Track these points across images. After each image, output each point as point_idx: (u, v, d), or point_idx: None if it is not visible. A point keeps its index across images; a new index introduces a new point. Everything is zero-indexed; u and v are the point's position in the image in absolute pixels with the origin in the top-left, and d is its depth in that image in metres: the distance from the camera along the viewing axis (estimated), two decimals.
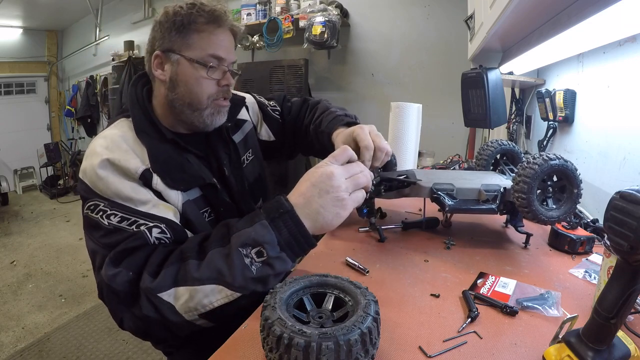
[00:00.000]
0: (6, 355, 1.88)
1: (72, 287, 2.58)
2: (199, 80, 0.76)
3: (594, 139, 1.14)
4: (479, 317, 0.57)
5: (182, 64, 0.76)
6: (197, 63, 0.75)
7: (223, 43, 0.78)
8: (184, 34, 0.75)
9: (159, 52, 0.77)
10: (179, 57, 0.75)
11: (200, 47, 0.75)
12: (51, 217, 4.14)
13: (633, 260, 0.39)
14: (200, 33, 0.75)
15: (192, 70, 0.76)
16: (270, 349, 0.43)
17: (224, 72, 0.79)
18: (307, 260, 0.76)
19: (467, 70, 1.51)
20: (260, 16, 3.02)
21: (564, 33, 0.84)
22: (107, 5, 4.61)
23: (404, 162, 1.27)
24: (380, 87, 2.86)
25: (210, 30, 0.76)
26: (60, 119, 5.76)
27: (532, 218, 0.71)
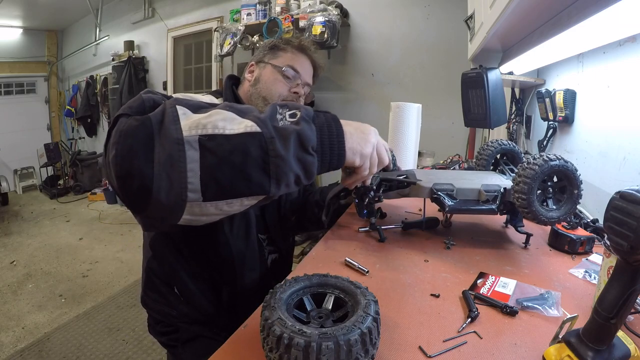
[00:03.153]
0: (6, 355, 1.88)
1: (72, 287, 2.58)
2: (275, 81, 0.96)
3: (594, 139, 1.14)
4: (479, 317, 0.57)
5: (267, 68, 0.98)
6: (277, 68, 0.96)
7: (302, 63, 0.99)
8: (275, 51, 1.00)
9: (253, 63, 1.01)
10: (265, 64, 0.98)
11: (283, 60, 0.98)
12: (51, 217, 4.14)
13: (633, 260, 0.38)
14: (286, 52, 0.99)
15: (272, 73, 0.97)
16: (270, 349, 0.43)
17: (296, 83, 0.98)
18: (307, 260, 0.76)
19: (467, 70, 1.51)
20: (260, 16, 3.02)
21: (564, 33, 0.84)
22: (107, 5, 4.62)
23: (404, 162, 1.27)
24: (380, 87, 2.86)
25: (294, 52, 1.00)
26: (60, 119, 5.76)
27: (532, 218, 0.71)
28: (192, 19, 3.79)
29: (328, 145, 0.53)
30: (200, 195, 0.46)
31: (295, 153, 0.49)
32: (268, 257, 0.97)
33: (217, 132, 0.46)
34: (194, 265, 0.88)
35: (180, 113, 0.48)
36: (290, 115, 0.51)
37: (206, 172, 0.46)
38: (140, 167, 0.45)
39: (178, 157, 0.45)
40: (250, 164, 0.47)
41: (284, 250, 1.04)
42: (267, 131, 0.48)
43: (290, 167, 0.49)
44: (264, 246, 0.96)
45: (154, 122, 0.47)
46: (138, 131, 0.46)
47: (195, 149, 0.45)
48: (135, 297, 2.42)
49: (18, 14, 4.61)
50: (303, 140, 0.49)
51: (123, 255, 3.10)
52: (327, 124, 0.54)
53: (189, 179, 0.45)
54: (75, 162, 5.08)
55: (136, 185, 0.45)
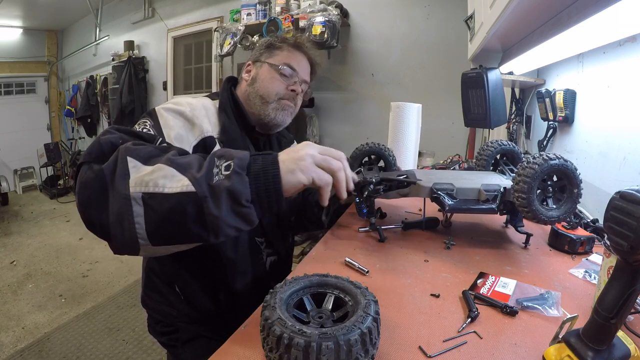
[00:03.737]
0: (6, 355, 1.88)
1: (72, 287, 2.58)
2: (273, 80, 0.96)
3: (594, 139, 1.14)
4: (479, 317, 0.57)
5: (263, 67, 0.98)
6: (274, 66, 0.96)
7: (298, 60, 0.99)
8: (271, 50, 0.99)
9: (249, 62, 1.01)
10: (262, 63, 0.98)
11: (280, 58, 0.97)
12: (51, 217, 4.14)
13: (633, 260, 0.38)
14: (283, 51, 0.98)
15: (269, 71, 0.96)
16: (270, 349, 0.43)
17: (294, 81, 0.97)
18: (307, 260, 0.76)
19: (467, 70, 1.51)
20: (260, 16, 3.02)
21: (564, 33, 0.84)
22: (107, 5, 4.61)
23: (404, 162, 1.27)
24: (380, 87, 2.86)
25: (291, 50, 0.99)
26: (60, 119, 5.75)
27: (532, 218, 0.71)
28: (192, 19, 3.78)
29: (264, 193, 0.54)
30: (148, 242, 0.52)
31: (229, 208, 0.51)
32: (266, 259, 0.97)
33: (157, 190, 0.51)
34: (193, 265, 0.88)
35: (131, 166, 0.53)
36: (225, 168, 0.53)
37: (150, 225, 0.52)
38: (98, 216, 0.53)
39: (126, 210, 0.51)
40: (188, 220, 0.51)
41: (283, 251, 1.04)
42: (200, 190, 0.51)
43: (225, 222, 0.52)
44: (262, 249, 0.95)
45: (106, 174, 0.53)
46: (94, 184, 0.53)
47: (139, 205, 0.51)
48: (135, 297, 2.42)
49: (18, 14, 4.61)
50: (235, 196, 0.51)
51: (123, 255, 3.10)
52: (264, 170, 0.55)
53: (137, 230, 0.51)
54: (75, 162, 5.07)
55: (98, 230, 0.54)
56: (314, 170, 0.58)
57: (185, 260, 0.88)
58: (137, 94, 4.24)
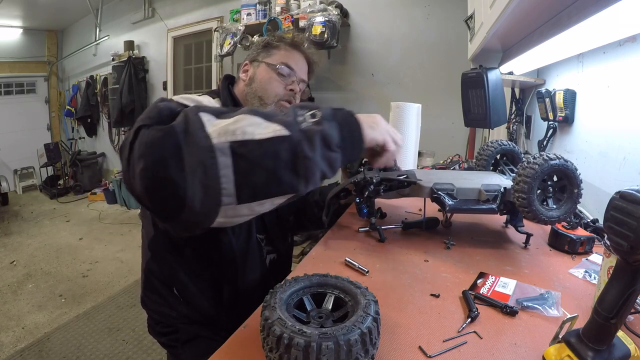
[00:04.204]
0: (6, 355, 1.88)
1: (72, 287, 2.58)
2: (270, 80, 0.95)
3: (594, 139, 1.14)
4: (479, 317, 0.57)
5: (261, 67, 0.97)
6: (272, 66, 0.95)
7: (296, 60, 0.99)
8: (268, 49, 0.98)
9: (247, 62, 1.00)
10: (259, 62, 0.97)
11: (277, 57, 0.97)
12: (51, 217, 4.14)
13: (633, 260, 0.38)
14: (280, 50, 0.98)
15: (267, 71, 0.96)
16: (270, 349, 0.42)
17: (292, 80, 0.97)
18: (307, 260, 0.76)
19: (467, 70, 1.51)
20: (260, 16, 3.02)
21: (564, 33, 0.84)
22: (107, 5, 4.61)
23: (404, 162, 1.26)
24: (380, 87, 2.86)
25: (288, 50, 0.99)
26: (60, 119, 5.75)
27: (532, 218, 0.71)
28: (192, 19, 3.79)
29: (349, 139, 0.56)
30: (234, 199, 0.48)
31: (321, 152, 0.52)
32: (266, 257, 0.97)
33: (247, 137, 0.48)
34: (195, 265, 0.88)
35: (205, 120, 0.49)
36: (310, 116, 0.54)
37: (240, 177, 0.47)
38: (172, 176, 0.46)
39: (210, 164, 0.46)
40: (282, 167, 0.49)
41: (283, 250, 1.04)
42: (294, 134, 0.50)
43: (318, 166, 0.52)
44: (262, 246, 0.96)
45: (179, 131, 0.48)
46: (164, 141, 0.47)
47: (227, 155, 0.47)
48: (135, 297, 2.42)
49: (18, 14, 4.61)
50: (327, 140, 0.52)
51: (123, 255, 3.10)
52: (346, 120, 0.57)
53: (222, 185, 0.47)
54: (75, 162, 5.07)
55: (169, 195, 0.47)
56: (388, 134, 0.63)
57: (184, 262, 0.88)
58: (137, 94, 4.24)
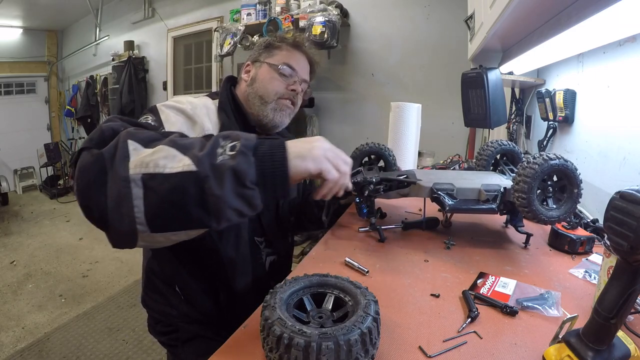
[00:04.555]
0: (6, 355, 1.88)
1: (72, 287, 2.58)
2: (272, 79, 0.95)
3: (594, 139, 1.14)
4: (479, 317, 0.57)
5: (263, 67, 0.97)
6: (273, 66, 0.95)
7: (297, 60, 0.99)
8: (270, 49, 0.99)
9: (249, 62, 1.01)
10: (261, 63, 0.98)
11: (279, 57, 0.97)
12: (51, 217, 4.14)
13: (633, 260, 0.38)
14: (282, 50, 0.98)
15: (269, 71, 0.96)
16: (270, 349, 0.43)
17: (293, 80, 0.97)
18: (307, 260, 0.76)
19: (467, 70, 1.51)
20: (260, 16, 3.02)
21: (564, 33, 0.84)
22: (107, 5, 4.61)
23: (404, 162, 1.27)
24: (380, 87, 2.86)
25: (290, 50, 0.98)
26: (60, 119, 5.75)
27: (532, 218, 0.71)
28: (192, 19, 3.78)
29: (270, 176, 0.52)
30: (147, 228, 0.50)
31: (232, 189, 0.49)
32: (266, 259, 0.97)
33: (157, 170, 0.49)
34: (192, 265, 0.88)
35: (131, 149, 0.51)
36: (230, 148, 0.51)
37: (149, 208, 0.49)
38: (97, 201, 0.50)
39: (125, 194, 0.49)
40: (189, 202, 0.49)
41: (283, 251, 1.04)
42: (202, 170, 0.49)
43: (228, 204, 0.49)
44: (261, 249, 0.95)
45: (106, 157, 0.51)
46: (93, 167, 0.51)
47: (139, 186, 0.49)
48: (135, 297, 2.42)
49: (18, 14, 4.61)
50: (239, 176, 0.49)
51: (123, 255, 3.10)
52: (270, 152, 0.53)
53: (135, 214, 0.49)
54: (75, 162, 5.06)
55: (96, 216, 0.51)
56: (324, 161, 0.57)
57: (185, 261, 0.88)
58: (137, 94, 4.24)
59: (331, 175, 0.58)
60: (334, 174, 0.58)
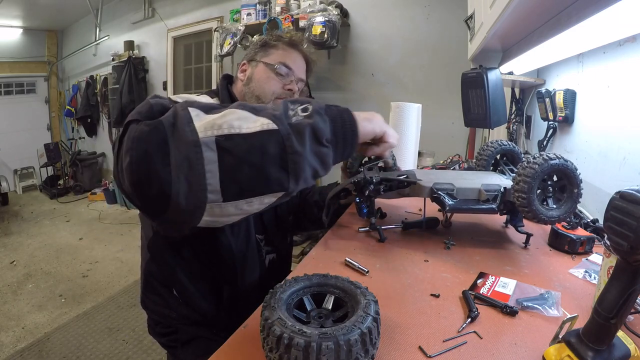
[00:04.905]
0: (6, 355, 1.88)
1: (72, 287, 2.58)
2: (268, 79, 0.95)
3: (594, 139, 1.14)
4: (479, 317, 0.57)
5: (259, 67, 0.97)
6: (270, 66, 0.95)
7: (294, 59, 0.98)
8: (266, 48, 0.98)
9: (245, 61, 1.01)
10: (257, 62, 0.97)
11: (275, 57, 0.97)
12: (51, 217, 4.14)
13: (633, 260, 0.38)
14: (278, 49, 0.98)
15: (265, 71, 0.96)
16: (270, 349, 0.42)
17: (290, 80, 0.97)
18: (307, 260, 0.76)
19: (467, 70, 1.51)
20: (260, 16, 3.02)
21: (564, 33, 0.84)
22: (107, 5, 4.61)
23: (404, 162, 1.27)
24: (380, 87, 2.86)
25: (286, 49, 0.98)
26: (60, 119, 5.75)
27: (532, 218, 0.71)
28: (192, 19, 3.79)
29: (342, 134, 0.54)
30: (220, 196, 0.46)
31: (311, 147, 0.49)
32: (265, 257, 0.97)
33: (233, 131, 0.47)
34: (194, 265, 0.88)
35: (193, 115, 0.48)
36: (302, 110, 0.52)
37: (225, 173, 0.46)
38: (158, 171, 0.45)
39: (195, 159, 0.45)
40: (269, 162, 0.47)
41: (282, 250, 1.04)
42: (283, 128, 0.48)
43: (308, 161, 0.49)
44: (262, 246, 0.96)
45: (166, 125, 0.47)
46: (151, 136, 0.46)
47: (212, 150, 0.45)
48: (135, 297, 2.42)
49: (18, 14, 4.61)
50: (317, 134, 0.50)
51: (123, 255, 3.10)
52: (340, 115, 0.55)
53: (207, 180, 0.45)
54: (75, 162, 5.07)
55: (154, 191, 0.46)
56: (386, 126, 0.63)
57: (183, 263, 0.88)
58: (137, 94, 4.24)
59: (392, 138, 0.64)
60: (393, 139, 0.65)
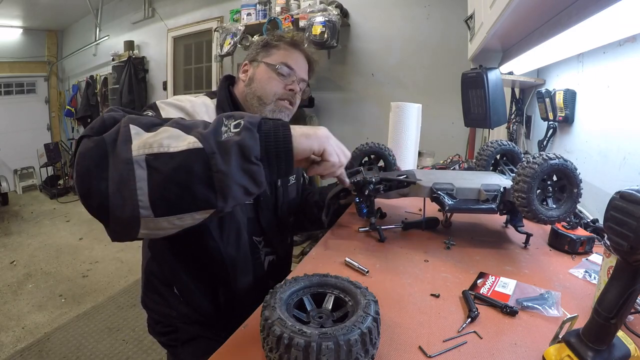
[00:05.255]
0: (6, 355, 1.88)
1: (72, 287, 2.58)
2: (270, 80, 0.94)
3: (594, 139, 1.14)
4: (479, 317, 0.57)
5: (260, 67, 0.96)
6: (271, 66, 0.95)
7: (296, 59, 0.98)
8: (268, 49, 0.98)
9: (246, 62, 1.00)
10: (259, 62, 0.97)
11: (277, 57, 0.96)
12: (51, 217, 4.14)
13: (633, 260, 0.38)
14: (279, 50, 0.97)
15: (266, 71, 0.95)
16: (270, 349, 0.42)
17: (292, 80, 0.96)
18: (307, 260, 0.76)
19: (467, 70, 1.51)
20: (260, 16, 3.02)
21: (564, 33, 0.84)
22: (107, 5, 4.61)
23: (404, 162, 1.27)
24: (380, 87, 2.86)
25: (288, 49, 0.98)
26: (60, 119, 5.75)
27: (532, 217, 0.71)
28: (192, 19, 3.79)
29: (274, 151, 0.53)
30: (151, 212, 0.48)
31: (238, 165, 0.49)
32: (265, 259, 0.97)
33: (162, 150, 0.48)
34: (192, 266, 0.88)
35: (133, 133, 0.50)
36: (234, 126, 0.52)
37: (154, 190, 0.48)
38: (97, 186, 0.48)
39: (127, 176, 0.47)
40: (195, 181, 0.48)
41: (282, 251, 1.04)
42: (208, 146, 0.49)
43: (235, 179, 0.49)
44: (260, 248, 0.95)
45: (107, 142, 0.50)
46: (93, 152, 0.49)
47: (142, 168, 0.48)
48: (135, 297, 2.42)
49: (18, 14, 4.61)
50: (245, 151, 0.49)
51: (123, 255, 3.10)
52: (274, 129, 0.54)
53: (139, 197, 0.47)
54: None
55: (96, 203, 0.49)
56: (328, 143, 0.59)
57: (184, 262, 0.88)
58: (137, 94, 4.24)
59: (333, 157, 0.59)
60: (335, 157, 0.60)
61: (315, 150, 0.57)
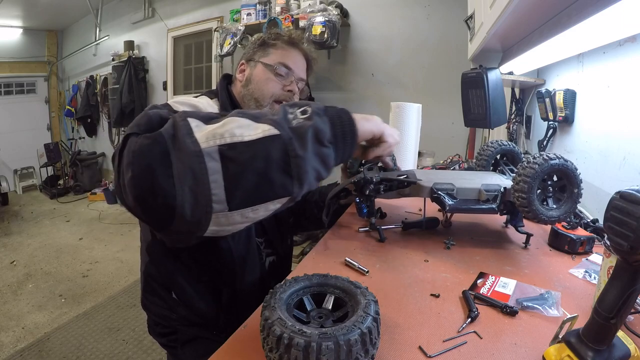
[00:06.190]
0: (6, 355, 1.88)
1: (72, 287, 2.58)
2: (267, 80, 0.93)
3: (594, 139, 1.14)
4: (479, 317, 0.57)
5: (258, 67, 0.95)
6: (269, 66, 0.93)
7: (294, 58, 0.96)
8: (265, 47, 0.96)
9: (243, 61, 0.99)
10: (256, 62, 0.95)
11: (274, 57, 0.95)
12: (51, 217, 4.14)
13: (633, 260, 0.38)
14: (277, 49, 0.95)
15: (264, 72, 0.94)
16: (270, 349, 0.42)
17: (290, 80, 0.95)
18: (307, 260, 0.76)
19: (467, 70, 1.51)
20: (260, 16, 3.02)
21: (564, 33, 0.84)
22: (107, 5, 4.61)
23: (404, 162, 1.27)
24: (380, 87, 2.86)
25: (285, 48, 0.96)
26: (60, 119, 5.76)
27: (532, 218, 0.71)
28: (192, 19, 3.79)
29: (341, 133, 0.54)
30: (225, 205, 0.46)
31: (313, 149, 0.50)
32: (265, 259, 0.97)
33: (235, 140, 0.46)
34: (193, 269, 0.88)
35: (193, 125, 0.48)
36: (301, 113, 0.52)
37: (230, 181, 0.46)
38: (161, 184, 0.45)
39: (199, 170, 0.45)
40: (273, 168, 0.47)
41: (282, 252, 1.04)
42: (284, 132, 0.48)
43: (310, 164, 0.49)
44: (261, 249, 0.95)
45: (166, 137, 0.47)
46: (152, 148, 0.46)
47: (215, 159, 0.45)
48: (135, 297, 2.42)
49: (18, 14, 4.61)
50: (318, 135, 0.50)
51: (123, 255, 3.10)
52: (338, 115, 0.55)
53: (212, 191, 0.45)
54: (75, 162, 5.08)
55: (159, 203, 0.45)
56: (384, 126, 0.63)
57: (184, 265, 0.87)
58: (137, 94, 4.24)
59: (391, 138, 0.64)
60: (392, 138, 0.65)
61: (375, 132, 0.61)
